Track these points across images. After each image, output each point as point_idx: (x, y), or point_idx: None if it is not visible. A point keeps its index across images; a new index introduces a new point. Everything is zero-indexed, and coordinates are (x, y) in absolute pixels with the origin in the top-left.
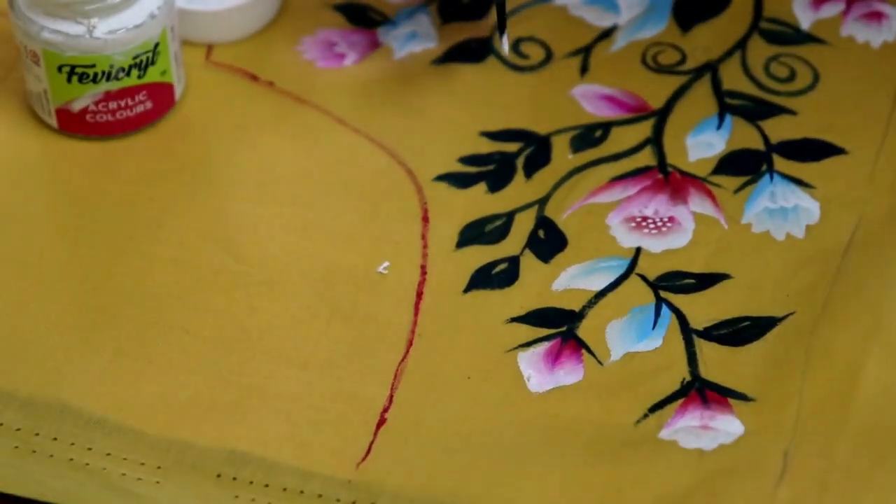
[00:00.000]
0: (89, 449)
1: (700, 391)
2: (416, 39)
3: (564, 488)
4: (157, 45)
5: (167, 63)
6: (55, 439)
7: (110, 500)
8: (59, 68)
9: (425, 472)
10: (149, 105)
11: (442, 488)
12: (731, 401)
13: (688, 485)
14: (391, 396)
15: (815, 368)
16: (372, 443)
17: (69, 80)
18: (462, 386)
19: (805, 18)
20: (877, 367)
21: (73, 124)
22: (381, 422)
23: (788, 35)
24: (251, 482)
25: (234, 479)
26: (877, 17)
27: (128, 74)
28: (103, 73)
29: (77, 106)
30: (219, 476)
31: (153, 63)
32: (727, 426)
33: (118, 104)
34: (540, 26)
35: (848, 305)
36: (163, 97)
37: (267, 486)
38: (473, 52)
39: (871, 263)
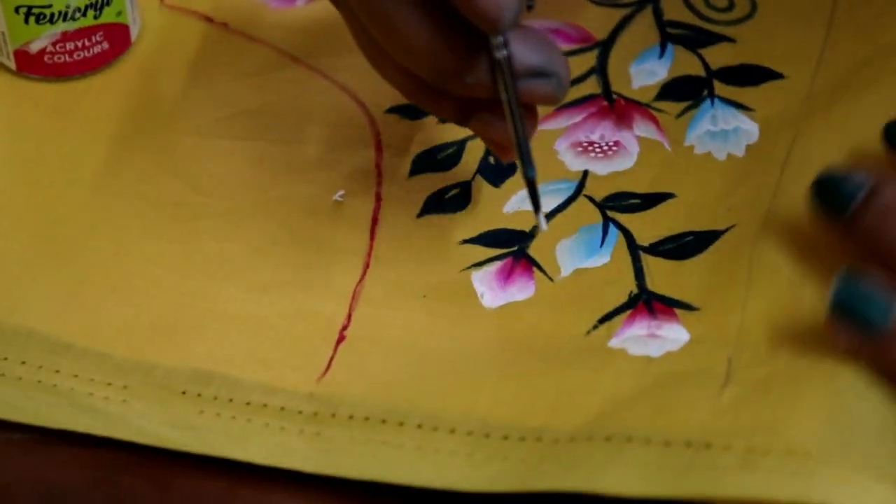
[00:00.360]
0: (57, 371)
1: (647, 303)
2: None
3: (518, 395)
4: None
5: (122, 4)
6: (23, 363)
7: (78, 418)
8: (17, 9)
9: (384, 383)
10: (105, 46)
11: (400, 398)
12: (677, 311)
13: (636, 388)
14: (349, 315)
15: (758, 280)
16: (332, 358)
17: (26, 20)
18: (418, 304)
19: None
20: (818, 283)
21: (31, 66)
22: (341, 339)
23: None
24: (215, 397)
25: (199, 395)
26: None
27: (84, 15)
28: (60, 13)
29: (35, 47)
30: (184, 393)
31: (108, 4)
32: (673, 334)
33: (75, 45)
34: None
35: (789, 219)
36: (119, 38)
37: (231, 400)
38: None
39: (807, 177)
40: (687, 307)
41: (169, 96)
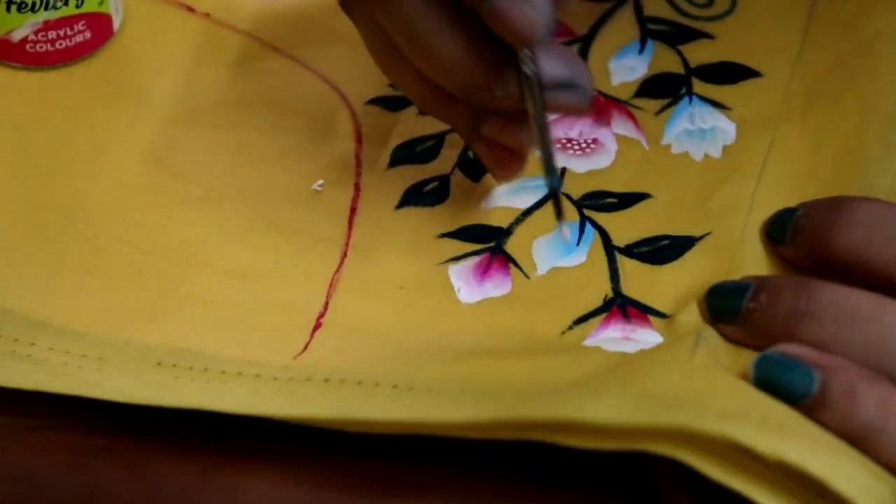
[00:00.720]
0: (32, 344)
1: (622, 307)
2: None
3: (493, 376)
4: None
5: None
6: None
7: (52, 381)
8: None
9: (360, 360)
10: (87, 35)
11: (377, 370)
12: (651, 317)
13: (609, 368)
14: (326, 303)
15: None
16: (308, 343)
17: (8, 9)
18: (395, 295)
19: None
20: None
21: (13, 54)
22: (317, 326)
23: None
24: (191, 367)
25: (174, 365)
26: None
27: (66, 4)
28: (42, 2)
29: (17, 36)
30: (159, 364)
31: None
32: (647, 338)
33: (57, 34)
34: None
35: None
36: (101, 27)
37: (206, 370)
38: None
39: (784, 189)
40: (660, 315)
41: (150, 86)
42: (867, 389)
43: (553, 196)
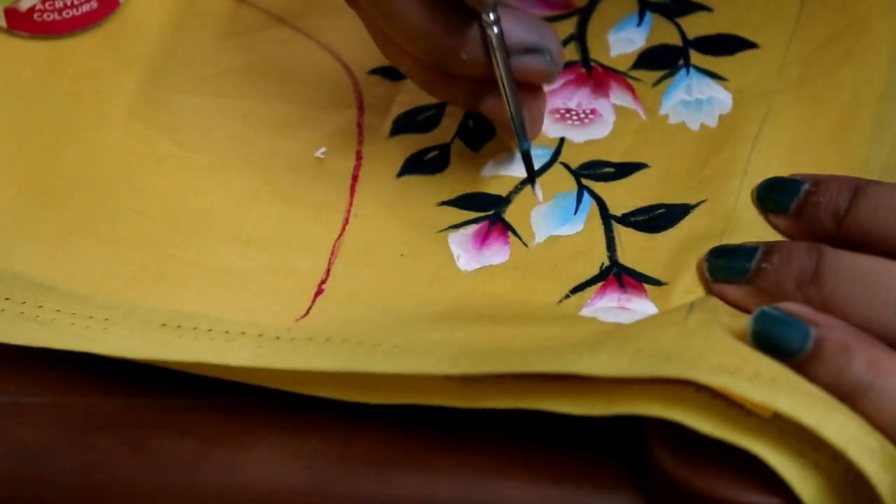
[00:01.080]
0: (40, 307)
1: (618, 276)
2: None
3: (491, 344)
4: None
5: None
6: (7, 299)
7: (59, 339)
8: None
9: (359, 324)
10: (94, 5)
11: (378, 332)
12: (647, 286)
13: (605, 334)
14: (328, 269)
15: None
16: (310, 308)
17: None
18: (395, 262)
19: None
20: None
21: (20, 23)
22: (319, 291)
23: None
24: (195, 328)
25: (179, 326)
26: None
27: None
28: None
29: (24, 5)
30: (164, 325)
31: None
32: (642, 307)
33: (64, 3)
34: None
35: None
36: None
37: (210, 330)
38: None
39: (777, 157)
40: (656, 283)
41: (156, 55)
42: (859, 348)
43: (525, 159)
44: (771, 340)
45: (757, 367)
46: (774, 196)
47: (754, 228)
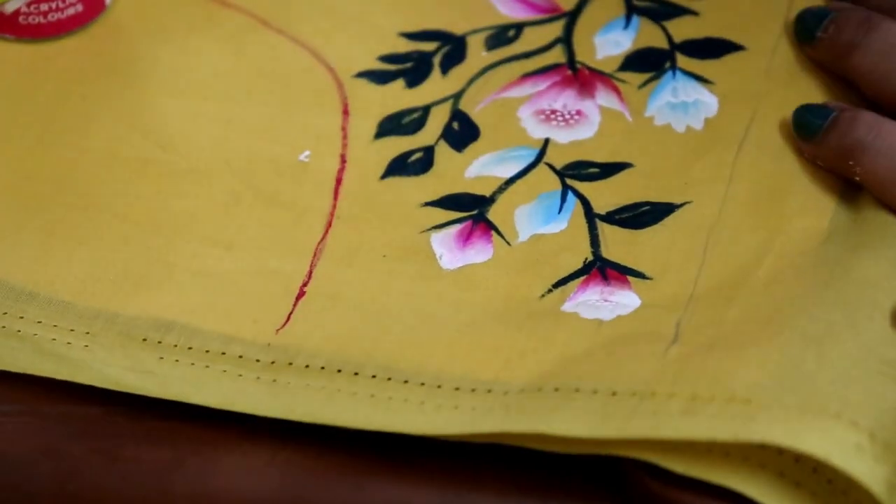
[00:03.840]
0: (21, 318)
1: (601, 269)
2: None
3: (471, 351)
4: None
5: None
6: None
7: (42, 364)
8: None
9: (341, 336)
10: (80, 8)
11: (357, 350)
12: (630, 278)
13: (586, 348)
14: (310, 272)
15: (712, 261)
16: (291, 313)
17: None
18: (378, 263)
19: None
20: (774, 258)
21: (5, 26)
22: (301, 294)
23: None
24: (175, 345)
25: (160, 342)
26: None
27: None
28: None
29: (10, 8)
30: (145, 340)
31: None
32: (625, 300)
33: (49, 6)
34: None
35: (745, 206)
36: (92, 1)
37: (190, 348)
38: None
39: (763, 161)
40: (640, 275)
41: (141, 58)
42: (865, 116)
43: None
44: (801, 122)
45: (732, 389)
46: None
47: (739, 230)
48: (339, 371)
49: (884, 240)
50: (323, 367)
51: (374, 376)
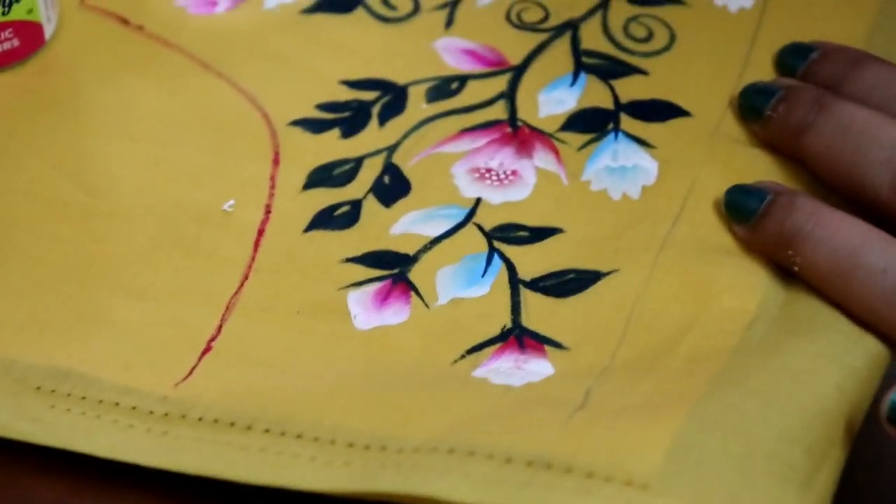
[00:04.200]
0: None
1: (518, 338)
2: None
3: (370, 408)
4: None
5: (33, 2)
6: None
7: None
8: None
9: (240, 391)
10: (16, 43)
11: (253, 405)
12: (547, 347)
13: (489, 410)
14: (220, 326)
15: (634, 333)
16: (194, 367)
17: None
18: (291, 319)
19: None
20: (697, 336)
21: None
22: (207, 349)
23: None
24: (69, 394)
25: (53, 391)
26: None
27: None
28: None
29: None
30: (38, 388)
31: (17, 1)
32: (539, 368)
33: None
34: None
35: (673, 278)
36: (30, 36)
37: (83, 398)
38: (343, 3)
39: (696, 236)
40: (557, 345)
41: (74, 97)
42: (804, 202)
43: None
44: (734, 205)
45: (631, 471)
46: (788, 58)
47: (664, 302)
48: (232, 424)
49: (810, 332)
50: (216, 420)
51: (267, 430)
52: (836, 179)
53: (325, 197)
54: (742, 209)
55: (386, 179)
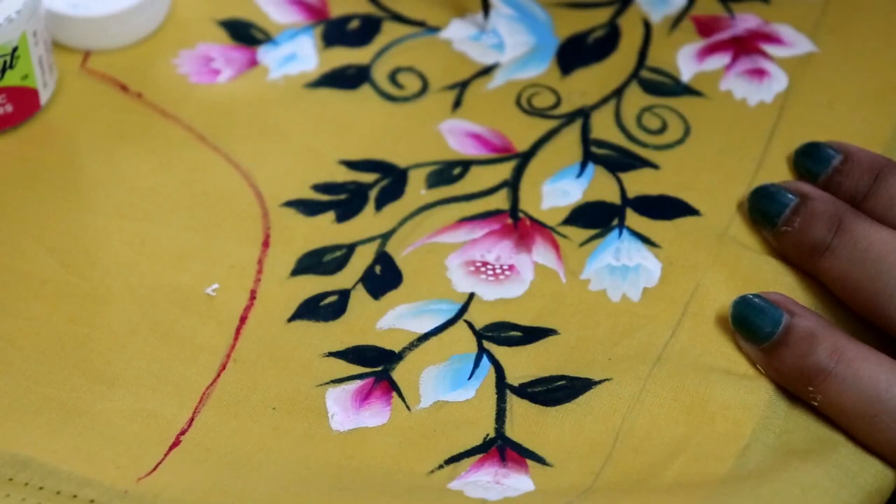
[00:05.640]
0: None
1: (501, 449)
2: (294, 61)
3: None
4: (15, 48)
5: (29, 68)
6: None
7: None
8: None
9: (205, 489)
10: (9, 108)
11: (214, 503)
12: (530, 462)
13: None
14: (192, 420)
15: (621, 452)
16: (161, 462)
17: None
18: (265, 416)
19: (687, 70)
20: (686, 460)
21: None
22: (175, 444)
23: (667, 86)
24: (27, 484)
25: (11, 479)
26: (759, 74)
27: None
28: None
29: None
30: None
31: (12, 66)
32: (519, 484)
33: None
34: (421, 58)
35: (667, 393)
36: (25, 102)
37: (41, 488)
38: (349, 78)
39: (695, 349)
40: (541, 461)
41: (65, 167)
42: (824, 335)
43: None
44: (745, 324)
45: None
46: (808, 163)
47: (656, 419)
48: None
49: (805, 461)
50: None
51: None
52: (855, 305)
53: (314, 284)
54: (755, 331)
55: (377, 269)
